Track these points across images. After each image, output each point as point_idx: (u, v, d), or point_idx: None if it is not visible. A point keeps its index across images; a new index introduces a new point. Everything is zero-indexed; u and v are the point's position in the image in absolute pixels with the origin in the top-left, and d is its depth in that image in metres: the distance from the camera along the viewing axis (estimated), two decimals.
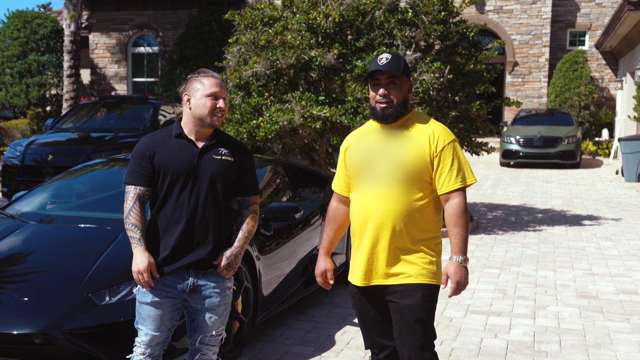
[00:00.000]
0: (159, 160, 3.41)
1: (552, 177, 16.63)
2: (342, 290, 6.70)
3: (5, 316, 4.12)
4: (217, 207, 3.43)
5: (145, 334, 3.45)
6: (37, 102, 20.91)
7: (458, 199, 3.19)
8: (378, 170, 3.26)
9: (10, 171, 10.93)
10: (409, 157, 3.22)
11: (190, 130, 3.46)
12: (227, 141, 3.52)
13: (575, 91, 21.58)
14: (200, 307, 3.47)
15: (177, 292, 3.43)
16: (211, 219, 3.42)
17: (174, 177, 3.39)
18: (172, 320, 3.48)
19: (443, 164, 3.21)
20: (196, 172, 3.40)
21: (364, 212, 3.29)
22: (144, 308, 3.44)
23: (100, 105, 13.21)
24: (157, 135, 3.51)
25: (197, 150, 3.43)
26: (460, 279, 3.16)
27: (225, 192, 3.46)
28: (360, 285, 3.33)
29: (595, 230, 10.06)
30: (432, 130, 3.25)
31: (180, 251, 3.40)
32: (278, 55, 8.89)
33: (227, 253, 3.46)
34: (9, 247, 4.85)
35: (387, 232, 3.23)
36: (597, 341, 5.37)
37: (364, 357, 4.96)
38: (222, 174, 3.43)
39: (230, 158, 3.46)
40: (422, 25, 9.05)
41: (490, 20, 22.61)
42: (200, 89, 3.40)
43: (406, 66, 3.29)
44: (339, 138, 9.10)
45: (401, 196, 3.21)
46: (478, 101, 9.71)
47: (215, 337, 3.53)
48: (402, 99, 3.26)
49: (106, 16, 23.20)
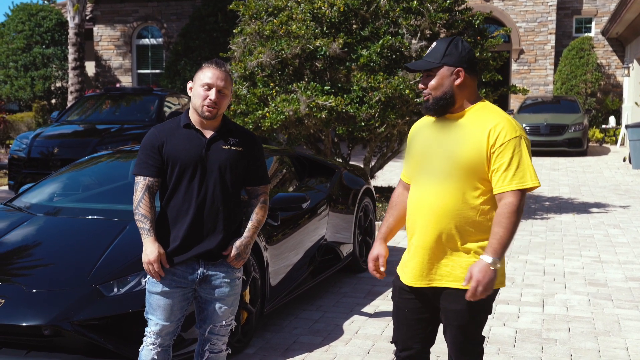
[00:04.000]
0: (168, 151, 3.39)
1: (558, 165, 16.58)
2: (350, 279, 6.69)
3: (14, 308, 4.13)
4: (226, 197, 3.42)
5: (155, 324, 3.43)
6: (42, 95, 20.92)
7: (510, 199, 2.90)
8: (432, 165, 3.07)
9: (16, 164, 10.95)
10: (464, 152, 2.98)
11: (196, 120, 3.44)
12: (236, 131, 3.50)
13: (581, 78, 21.48)
14: (210, 297, 3.46)
15: (187, 282, 3.42)
16: (220, 209, 3.40)
17: (182, 168, 3.37)
18: (181, 310, 3.47)
19: (500, 161, 2.93)
20: (205, 162, 3.38)
21: (415, 208, 3.12)
22: (154, 298, 3.43)
23: (105, 97, 13.21)
24: (165, 125, 3.50)
25: (205, 140, 3.41)
26: (481, 280, 2.85)
27: (235, 182, 3.45)
28: (410, 284, 3.13)
29: (603, 217, 10.03)
30: (494, 124, 2.97)
31: (190, 241, 3.39)
32: (283, 45, 8.86)
33: (237, 243, 3.44)
34: (17, 240, 4.85)
35: (437, 231, 3.03)
36: (606, 329, 5.36)
37: (372, 346, 4.96)
38: (231, 164, 3.41)
39: (239, 148, 3.44)
40: (428, 13, 9.01)
41: (496, 7, 22.50)
42: (199, 78, 3.39)
43: (452, 52, 3.02)
44: (345, 128, 9.08)
45: (454, 193, 3.00)
46: (484, 89, 9.67)
47: (225, 327, 3.52)
48: (443, 90, 3.02)
49: (110, 8, 23.17)
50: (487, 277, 2.87)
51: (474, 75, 3.08)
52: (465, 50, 3.04)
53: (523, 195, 2.94)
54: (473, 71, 3.07)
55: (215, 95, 3.34)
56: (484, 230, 3.00)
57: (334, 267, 6.34)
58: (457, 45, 3.04)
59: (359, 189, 6.98)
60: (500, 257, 2.90)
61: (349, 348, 4.93)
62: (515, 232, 2.93)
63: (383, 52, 8.83)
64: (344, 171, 7.01)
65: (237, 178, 3.46)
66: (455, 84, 3.02)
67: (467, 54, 3.04)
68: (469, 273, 2.91)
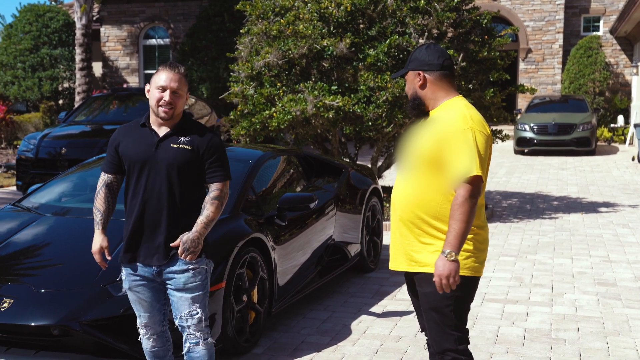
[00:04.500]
0: (122, 149, 3.56)
1: (567, 164, 16.52)
2: (358, 279, 6.69)
3: (23, 308, 4.14)
4: (172, 195, 3.48)
5: (139, 317, 3.64)
6: (49, 95, 20.97)
7: (459, 190, 3.05)
8: (404, 160, 3.34)
9: (24, 164, 10.98)
10: (424, 146, 3.19)
11: (153, 120, 3.55)
12: (191, 129, 3.55)
13: (589, 77, 21.40)
14: (170, 288, 3.54)
15: (148, 277, 3.56)
16: (165, 207, 3.47)
17: (131, 165, 3.52)
18: (159, 301, 3.62)
19: (450, 154, 3.09)
20: (152, 161, 3.48)
21: (392, 200, 3.37)
22: (128, 293, 3.63)
23: (112, 97, 13.22)
24: (128, 125, 3.67)
25: (156, 139, 3.51)
26: (442, 273, 3.01)
27: (183, 181, 3.50)
28: (390, 268, 3.41)
29: (611, 217, 9.98)
30: (448, 118, 3.17)
31: (135, 238, 3.53)
32: (290, 45, 8.86)
33: (184, 237, 3.48)
34: (25, 240, 4.86)
35: (404, 220, 3.25)
36: (615, 328, 5.33)
37: (380, 345, 4.95)
38: (179, 162, 3.47)
39: (187, 146, 3.49)
40: (435, 12, 8.99)
41: (503, 7, 22.44)
42: (154, 80, 3.50)
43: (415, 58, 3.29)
44: (352, 127, 9.06)
45: (418, 185, 3.20)
46: (492, 89, 9.64)
47: (189, 316, 3.52)
48: (411, 93, 3.32)
49: (117, 8, 23.22)
50: (446, 268, 3.02)
51: (439, 76, 3.26)
52: (428, 54, 3.26)
53: (473, 186, 3.05)
54: (437, 72, 3.25)
55: (170, 97, 3.44)
56: (447, 219, 3.14)
57: (342, 267, 6.33)
58: (420, 50, 3.30)
59: (366, 188, 6.97)
60: (457, 249, 3.03)
61: (357, 348, 4.92)
62: (469, 222, 3.04)
63: (390, 51, 8.81)
64: (351, 171, 7.00)
65: (187, 176, 3.50)
66: (417, 85, 3.28)
67: (428, 57, 3.26)
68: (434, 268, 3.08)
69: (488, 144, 3.16)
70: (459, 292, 3.17)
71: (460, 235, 3.03)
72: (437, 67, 3.26)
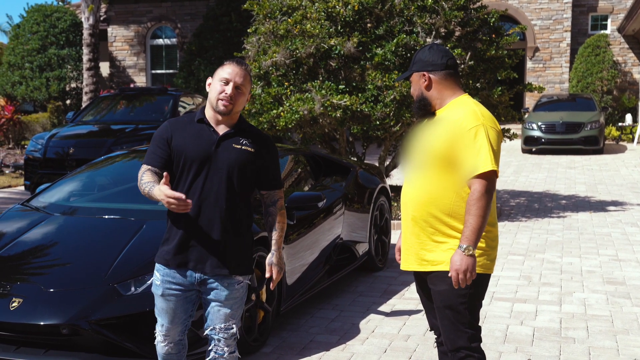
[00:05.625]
0: (176, 144, 3.32)
1: (575, 163, 16.47)
2: (366, 278, 6.68)
3: (32, 307, 4.15)
4: (231, 197, 3.31)
5: (161, 325, 3.44)
6: (57, 95, 21.01)
7: (474, 186, 3.08)
8: (414, 159, 3.34)
9: (32, 164, 11.01)
10: (435, 144, 3.19)
11: (210, 116, 3.36)
12: (250, 131, 3.40)
13: (597, 76, 21.33)
14: (209, 299, 3.36)
15: (187, 285, 3.35)
16: (223, 208, 3.29)
17: (188, 162, 3.28)
18: (186, 312, 3.42)
19: (465, 150, 3.11)
20: (212, 160, 3.29)
21: (402, 199, 3.37)
22: (158, 300, 3.40)
23: (120, 97, 13.25)
24: (179, 119, 3.46)
25: (216, 137, 3.32)
26: (459, 268, 3.03)
27: (242, 184, 3.33)
28: (402, 269, 3.40)
29: (620, 215, 9.95)
30: (459, 116, 3.18)
31: (187, 241, 3.30)
32: (297, 45, 8.85)
33: (274, 260, 3.39)
34: (34, 239, 4.87)
35: (416, 219, 3.25)
36: (625, 327, 5.31)
37: (389, 344, 4.94)
38: (240, 164, 3.31)
39: (250, 149, 3.33)
40: (443, 11, 8.97)
41: (511, 5, 22.39)
42: (218, 73, 3.34)
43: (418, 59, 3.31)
44: (360, 127, 9.05)
45: (430, 183, 3.21)
46: (499, 87, 9.62)
47: (224, 330, 3.37)
48: (416, 94, 3.33)
49: (124, 8, 23.26)
50: (464, 264, 3.04)
51: (444, 75, 3.28)
52: (431, 54, 3.29)
53: (488, 181, 3.08)
54: (441, 71, 3.28)
55: (232, 90, 3.28)
56: (460, 216, 3.16)
57: (350, 266, 6.32)
58: (424, 51, 3.32)
59: (374, 187, 6.96)
60: (474, 244, 3.06)
61: (366, 347, 4.91)
62: (485, 217, 3.07)
63: (398, 50, 8.80)
64: (359, 170, 7.00)
65: (246, 180, 3.35)
66: (423, 86, 3.30)
67: (431, 58, 3.28)
68: (450, 263, 3.09)
69: (499, 140, 3.20)
70: (472, 289, 3.19)
71: (477, 230, 3.05)
72: (442, 66, 3.28)
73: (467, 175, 3.11)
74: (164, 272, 3.35)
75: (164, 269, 3.36)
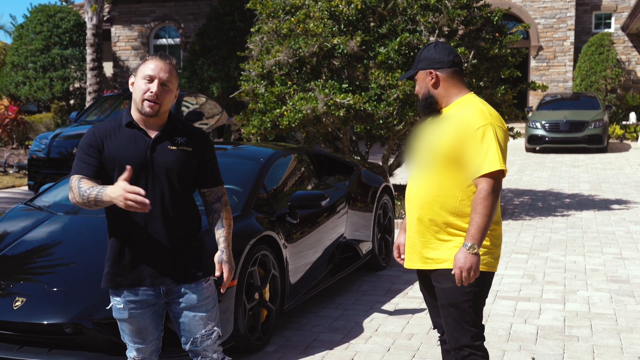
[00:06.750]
0: (108, 153, 3.01)
1: (578, 161, 16.44)
2: (369, 277, 6.67)
3: (36, 306, 4.15)
4: (178, 204, 3.06)
5: (133, 349, 3.19)
6: (60, 95, 21.05)
7: (481, 185, 3.08)
8: (418, 157, 3.34)
9: (36, 164, 11.03)
10: (441, 143, 3.19)
11: (138, 118, 3.06)
12: (183, 129, 3.13)
13: (601, 74, 21.29)
14: (181, 308, 3.11)
15: (152, 300, 3.11)
16: (171, 218, 3.04)
17: (122, 171, 2.90)
18: (157, 328, 3.19)
19: (471, 149, 3.11)
20: (150, 166, 3.02)
21: (406, 197, 3.37)
22: (125, 324, 3.14)
23: (123, 97, 13.26)
24: (105, 125, 3.11)
25: (150, 141, 3.03)
26: (463, 266, 3.03)
27: (185, 186, 3.10)
28: (406, 267, 3.41)
29: (624, 214, 9.93)
30: (465, 115, 3.17)
31: (138, 258, 3.05)
32: (300, 44, 8.85)
33: (225, 257, 3.12)
34: (37, 238, 4.88)
35: (421, 217, 3.25)
36: (629, 325, 5.30)
37: (392, 343, 4.93)
38: (180, 166, 3.05)
39: (187, 147, 3.08)
40: (446, 10, 8.96)
41: (514, 4, 22.36)
42: (141, 70, 3.03)
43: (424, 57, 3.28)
44: (363, 126, 9.05)
45: (435, 182, 3.21)
46: (503, 86, 9.61)
47: (206, 337, 3.14)
48: (423, 92, 3.30)
49: (127, 8, 23.28)
50: (468, 261, 3.04)
51: (451, 73, 3.27)
52: (437, 52, 3.27)
53: (495, 180, 3.09)
54: (448, 69, 3.26)
55: (158, 88, 2.98)
56: (465, 215, 3.17)
57: (354, 265, 6.32)
58: (429, 49, 3.30)
59: (377, 186, 6.95)
60: (479, 242, 3.06)
61: (369, 345, 4.91)
62: (491, 216, 3.07)
63: (401, 49, 8.79)
64: (362, 169, 6.99)
65: (187, 180, 3.11)
66: (430, 84, 3.28)
67: (438, 56, 3.27)
68: (454, 261, 3.09)
69: (506, 139, 3.21)
70: (476, 287, 3.19)
71: (482, 228, 3.06)
72: (449, 64, 3.26)
73: (474, 174, 3.11)
74: (124, 294, 3.07)
75: (120, 292, 3.09)
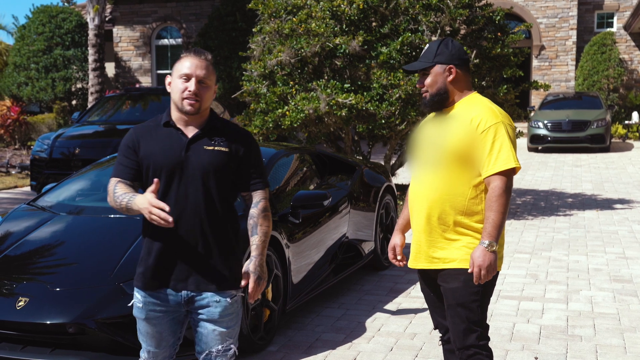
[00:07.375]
0: (143, 152, 2.97)
1: (581, 161, 16.43)
2: (372, 277, 6.67)
3: (39, 306, 4.16)
4: (210, 207, 2.95)
5: (147, 351, 3.10)
6: (63, 96, 21.06)
7: (496, 182, 3.08)
8: (425, 156, 3.30)
9: (38, 165, 11.03)
10: (450, 141, 3.17)
11: (177, 118, 2.99)
12: (224, 128, 3.02)
13: (603, 74, 21.26)
14: (200, 319, 3.00)
15: (172, 306, 3.00)
16: (203, 221, 2.94)
17: (157, 172, 2.91)
18: (174, 335, 3.08)
19: (483, 147, 3.11)
20: (183, 166, 2.93)
21: (412, 196, 3.34)
22: (142, 324, 3.04)
23: (125, 97, 13.27)
24: (145, 125, 3.08)
25: (185, 140, 2.96)
26: (482, 264, 3.03)
27: (221, 189, 2.98)
28: (411, 267, 3.39)
29: (627, 213, 9.91)
30: (476, 113, 3.16)
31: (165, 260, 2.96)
32: (302, 44, 8.85)
33: (251, 267, 2.97)
34: (40, 239, 4.88)
35: (429, 216, 3.23)
36: (632, 325, 5.29)
37: (395, 343, 4.93)
38: (215, 168, 2.94)
39: (224, 148, 2.96)
40: (448, 9, 8.96)
41: (516, 3, 22.34)
42: (177, 69, 2.97)
43: (443, 52, 3.23)
44: (365, 125, 9.05)
45: (443, 180, 3.19)
46: (505, 85, 9.60)
47: (222, 353, 3.02)
48: (437, 87, 3.24)
49: (129, 9, 23.30)
50: (486, 259, 3.05)
51: (465, 71, 3.28)
52: (455, 49, 3.26)
53: (508, 177, 3.11)
54: (464, 67, 3.27)
55: (195, 86, 2.91)
56: (474, 214, 3.18)
57: (356, 264, 6.32)
58: (447, 44, 3.27)
59: (380, 186, 6.95)
60: (496, 240, 3.08)
61: (372, 345, 4.90)
62: (506, 213, 3.10)
63: (403, 49, 8.79)
64: (364, 169, 6.99)
65: (225, 184, 2.99)
66: (448, 80, 3.25)
67: (457, 52, 3.26)
68: (471, 259, 3.08)
69: (515, 137, 3.23)
70: (483, 287, 3.19)
71: (498, 226, 3.07)
72: (467, 62, 3.29)
73: (486, 172, 3.11)
74: (145, 294, 3.00)
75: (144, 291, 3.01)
